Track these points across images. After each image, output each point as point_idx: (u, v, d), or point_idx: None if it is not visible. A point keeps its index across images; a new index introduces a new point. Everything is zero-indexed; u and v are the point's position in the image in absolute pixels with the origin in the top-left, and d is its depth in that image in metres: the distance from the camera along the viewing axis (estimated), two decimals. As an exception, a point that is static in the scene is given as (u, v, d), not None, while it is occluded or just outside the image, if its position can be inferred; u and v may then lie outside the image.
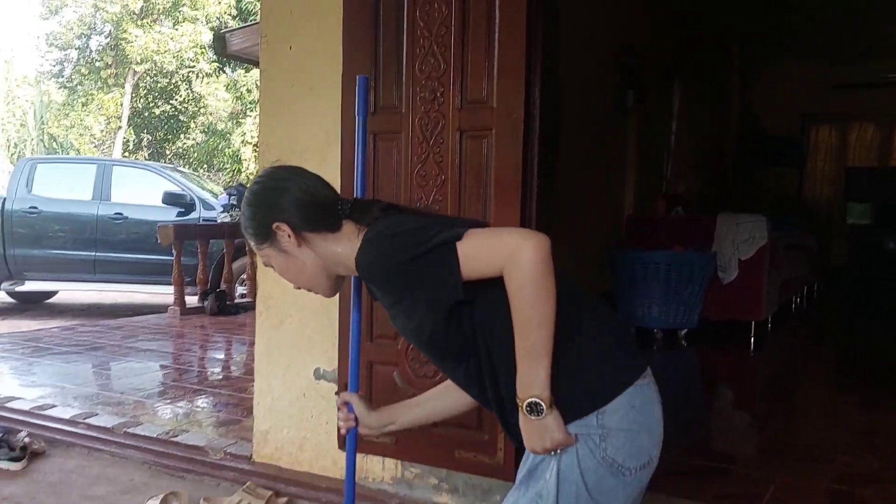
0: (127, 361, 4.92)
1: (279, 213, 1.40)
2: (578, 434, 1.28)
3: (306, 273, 1.45)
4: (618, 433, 1.27)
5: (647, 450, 1.31)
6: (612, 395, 1.28)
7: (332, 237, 1.42)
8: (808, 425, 3.42)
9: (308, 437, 2.74)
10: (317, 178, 1.48)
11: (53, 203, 8.61)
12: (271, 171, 1.48)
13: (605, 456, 1.27)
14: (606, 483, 1.29)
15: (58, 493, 2.76)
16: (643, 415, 1.30)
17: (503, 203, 2.30)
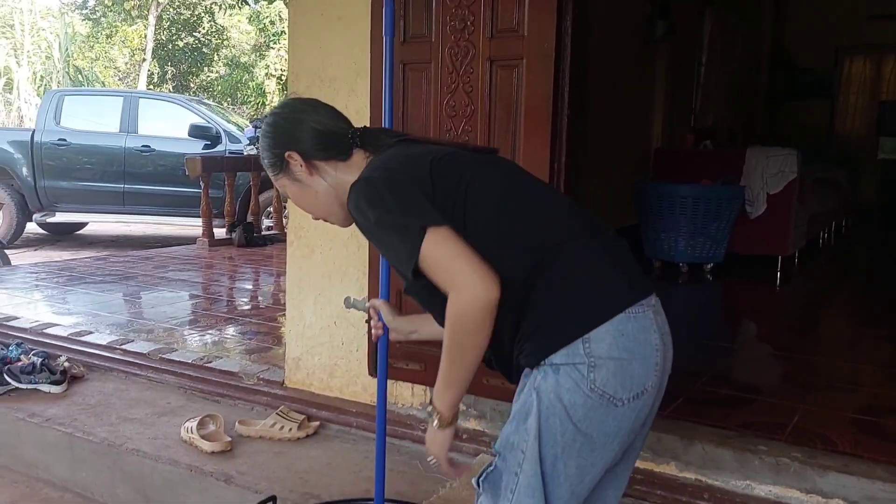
0: (158, 291, 5.02)
1: (292, 142, 1.45)
2: (564, 365, 1.26)
3: (319, 201, 1.49)
4: (607, 362, 1.25)
5: (639, 379, 1.28)
6: (598, 320, 1.26)
7: (343, 166, 1.45)
8: (833, 357, 3.44)
9: (339, 364, 2.80)
10: (330, 109, 1.51)
11: (81, 135, 8.68)
12: (286, 103, 1.53)
13: (593, 387, 1.25)
14: (596, 415, 1.27)
15: (98, 415, 2.87)
16: (635, 342, 1.27)
17: (533, 134, 2.29)
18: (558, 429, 1.28)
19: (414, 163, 1.37)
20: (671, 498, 2.14)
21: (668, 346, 1.34)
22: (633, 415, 1.30)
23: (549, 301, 1.29)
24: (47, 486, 2.75)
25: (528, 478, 1.32)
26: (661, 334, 1.32)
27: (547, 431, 1.29)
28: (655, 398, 1.35)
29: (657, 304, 1.35)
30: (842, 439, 2.24)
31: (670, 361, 1.36)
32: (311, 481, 2.34)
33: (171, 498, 2.46)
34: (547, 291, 1.29)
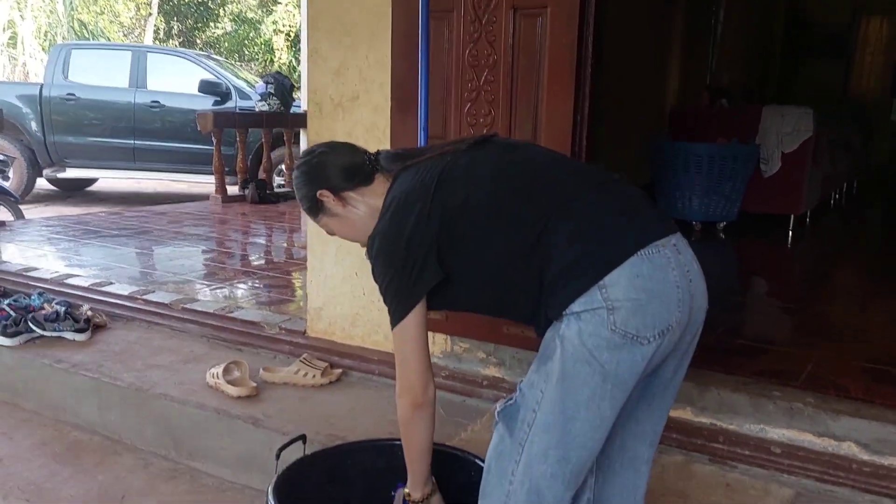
0: (175, 245, 5.08)
1: (320, 183, 1.61)
2: (584, 312, 1.31)
3: (358, 227, 1.62)
4: (625, 303, 1.29)
5: (662, 317, 1.31)
6: (611, 266, 1.30)
7: (368, 190, 1.60)
8: (845, 310, 3.49)
9: (360, 314, 2.85)
10: (347, 145, 1.69)
11: (90, 90, 8.67)
12: (309, 151, 1.68)
13: (614, 329, 1.30)
14: (622, 355, 1.31)
15: (123, 362, 2.93)
16: (652, 282, 1.31)
17: (556, 85, 2.30)
18: (587, 373, 1.33)
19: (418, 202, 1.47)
20: (686, 441, 2.19)
21: (696, 281, 1.38)
22: (661, 350, 1.35)
23: (562, 257, 1.35)
24: (75, 430, 2.82)
25: (546, 416, 1.38)
26: (683, 271, 1.35)
27: (575, 377, 1.34)
28: (684, 336, 1.40)
29: (679, 242, 1.39)
30: (854, 386, 2.29)
31: (702, 297, 1.40)
32: (337, 424, 2.40)
33: (199, 440, 2.53)
34: (558, 250, 1.35)
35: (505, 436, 1.46)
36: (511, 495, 1.44)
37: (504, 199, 1.43)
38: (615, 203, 1.42)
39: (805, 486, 2.02)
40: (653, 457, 1.59)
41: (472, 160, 1.50)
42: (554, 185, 1.44)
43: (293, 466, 1.88)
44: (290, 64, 16.88)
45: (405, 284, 1.47)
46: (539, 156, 1.57)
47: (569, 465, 1.39)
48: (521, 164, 1.51)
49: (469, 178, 1.47)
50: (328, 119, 2.78)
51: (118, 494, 2.37)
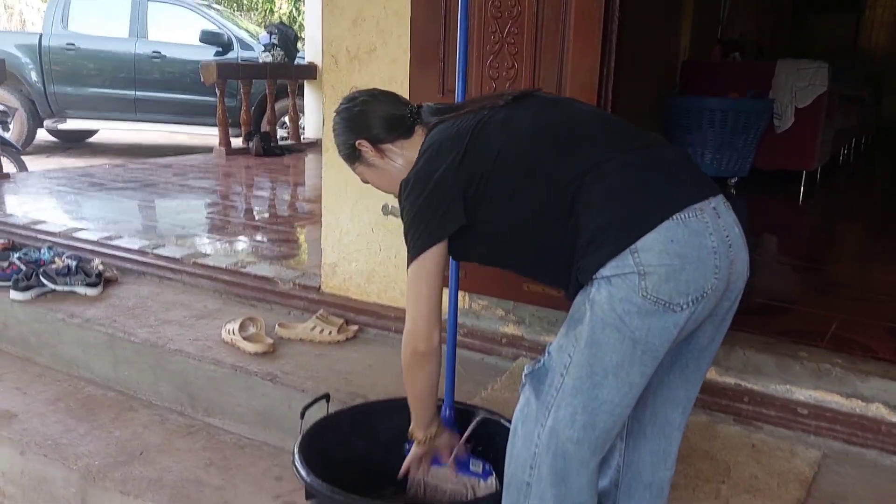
0: (181, 198, 5.02)
1: (359, 132, 1.60)
2: (615, 276, 1.28)
3: (394, 178, 1.59)
4: (658, 268, 1.25)
5: (697, 283, 1.27)
6: (644, 229, 1.26)
7: (408, 143, 1.59)
8: (863, 269, 3.46)
9: (376, 270, 2.82)
10: (390, 94, 1.65)
11: (90, 40, 8.53)
12: (351, 97, 1.65)
13: (645, 294, 1.26)
14: (653, 321, 1.28)
15: (136, 317, 2.90)
16: (687, 247, 1.26)
17: (583, 37, 2.23)
18: (616, 339, 1.30)
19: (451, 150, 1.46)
20: (711, 401, 2.18)
21: (736, 246, 1.34)
22: (695, 317, 1.31)
23: (594, 218, 1.31)
24: (89, 385, 2.81)
25: (574, 380, 1.36)
26: (722, 236, 1.31)
27: (604, 342, 1.32)
28: (721, 303, 1.36)
29: (720, 205, 1.34)
30: (882, 347, 2.27)
31: (743, 263, 1.36)
32: (355, 381, 2.39)
33: (216, 396, 2.52)
34: (593, 211, 1.32)
35: (531, 399, 1.45)
36: (537, 458, 1.43)
37: (539, 155, 1.40)
38: (652, 165, 1.37)
39: (832, 447, 2.01)
40: (685, 423, 1.57)
41: (510, 114, 1.47)
42: (591, 145, 1.40)
43: (317, 425, 1.86)
44: (290, 14, 16.56)
45: (427, 223, 1.46)
46: (581, 114, 1.52)
47: (595, 430, 1.37)
48: (559, 121, 1.47)
49: (505, 132, 1.44)
50: (344, 72, 2.71)
51: (136, 450, 2.35)
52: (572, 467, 1.40)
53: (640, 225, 1.27)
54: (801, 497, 1.79)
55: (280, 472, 2.24)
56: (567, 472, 1.40)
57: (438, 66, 2.43)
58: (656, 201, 1.30)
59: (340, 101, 1.67)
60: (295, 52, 7.67)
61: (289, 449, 2.32)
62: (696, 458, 1.96)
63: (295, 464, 1.69)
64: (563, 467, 1.40)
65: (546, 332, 2.50)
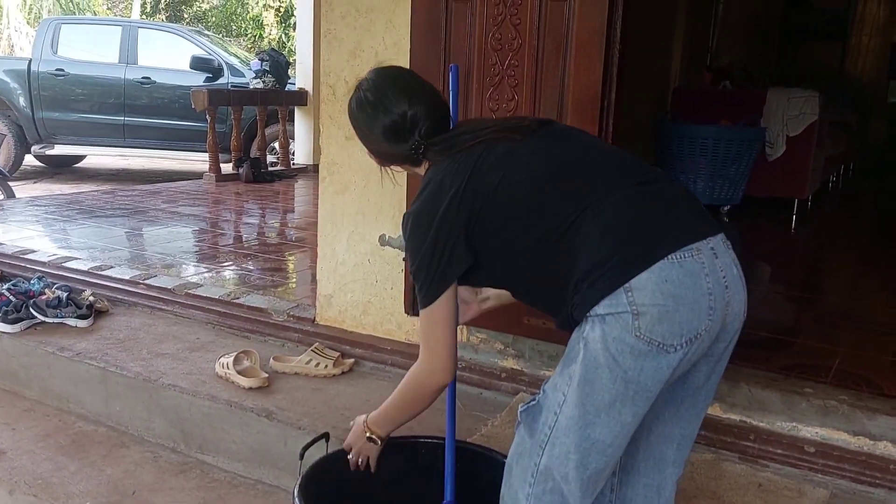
0: (171, 226, 4.97)
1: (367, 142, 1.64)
2: (609, 315, 1.26)
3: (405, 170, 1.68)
4: (650, 309, 1.23)
5: (691, 324, 1.25)
6: (638, 269, 1.25)
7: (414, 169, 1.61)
8: (861, 299, 3.45)
9: (372, 301, 2.78)
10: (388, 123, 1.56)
11: (80, 66, 8.51)
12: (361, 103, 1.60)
13: (639, 334, 1.24)
14: (646, 362, 1.26)
15: (128, 350, 2.85)
16: (682, 287, 1.24)
17: (584, 70, 2.22)
18: (608, 378, 1.29)
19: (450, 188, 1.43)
20: (716, 438, 2.15)
21: (733, 287, 1.32)
22: (689, 358, 1.29)
23: (590, 254, 1.30)
24: (80, 420, 2.75)
25: (567, 419, 1.34)
26: (719, 277, 1.29)
27: (596, 382, 1.30)
28: (716, 343, 1.35)
29: (718, 245, 1.32)
30: (887, 382, 2.25)
31: (740, 303, 1.35)
32: (353, 417, 2.32)
33: (210, 432, 2.46)
34: (589, 247, 1.30)
35: (525, 437, 1.44)
36: (531, 498, 1.42)
37: (539, 188, 1.39)
38: (651, 202, 1.36)
39: (840, 486, 1.98)
40: (684, 460, 1.54)
41: (512, 147, 1.45)
42: (591, 181, 1.39)
43: (317, 466, 1.81)
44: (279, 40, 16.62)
45: (435, 270, 1.44)
46: (583, 148, 1.50)
47: (587, 470, 1.35)
48: (559, 157, 1.45)
49: (504, 167, 1.42)
50: (342, 103, 2.68)
51: (128, 489, 2.30)
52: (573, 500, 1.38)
53: (635, 264, 1.26)
54: (812, 538, 1.76)
55: (276, 513, 2.19)
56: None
57: (438, 99, 2.41)
58: (652, 240, 1.29)
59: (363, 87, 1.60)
60: (286, 78, 7.67)
61: (284, 487, 2.28)
62: (702, 498, 1.93)
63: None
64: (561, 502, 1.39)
65: (546, 366, 2.47)
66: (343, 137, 2.71)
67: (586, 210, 1.32)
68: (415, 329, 2.72)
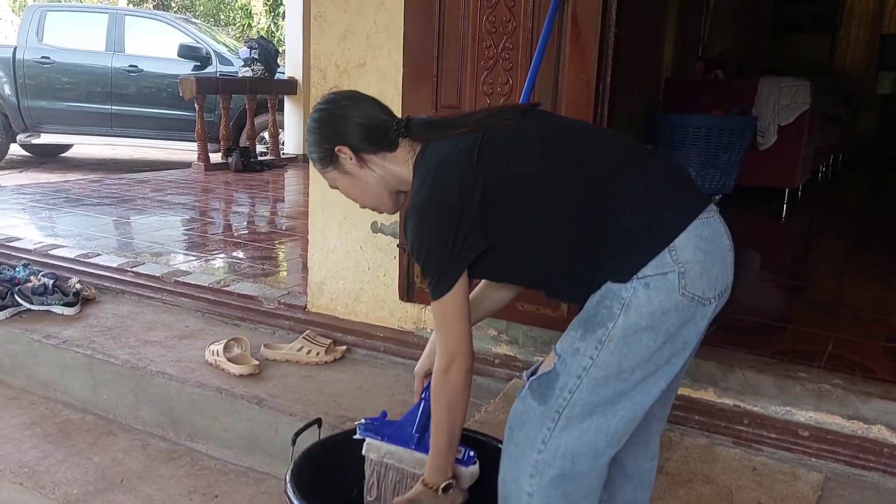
0: (160, 214, 4.92)
1: (340, 137, 1.51)
2: (655, 276, 1.29)
3: (370, 192, 1.56)
4: (693, 265, 1.30)
5: (722, 278, 1.34)
6: (679, 229, 1.30)
7: (391, 156, 1.52)
8: (852, 286, 3.46)
9: (364, 289, 2.76)
10: (372, 100, 1.56)
11: (66, 53, 8.40)
12: (330, 99, 1.57)
13: (684, 292, 1.29)
14: (687, 316, 1.31)
15: (116, 337, 2.81)
16: (713, 244, 1.33)
17: (578, 53, 2.20)
18: (650, 338, 1.31)
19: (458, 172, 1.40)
20: (710, 423, 2.14)
21: (733, 246, 1.39)
22: (715, 311, 1.35)
23: (624, 223, 1.33)
24: (66, 408, 2.71)
25: (595, 381, 1.34)
26: (729, 236, 1.38)
27: (636, 344, 1.31)
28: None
29: (717, 210, 1.39)
30: (879, 367, 2.25)
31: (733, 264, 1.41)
32: (345, 404, 2.32)
33: (200, 419, 2.44)
34: (621, 214, 1.33)
35: (534, 403, 1.40)
36: (539, 465, 1.39)
37: (552, 165, 1.39)
38: (668, 172, 1.43)
39: (834, 470, 1.97)
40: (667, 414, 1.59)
41: (514, 127, 1.44)
42: (605, 152, 1.43)
43: (309, 452, 1.79)
44: (268, 29, 16.50)
45: (448, 258, 1.40)
46: (583, 125, 1.53)
47: (617, 423, 1.36)
48: (567, 132, 1.47)
49: (513, 145, 1.41)
50: (333, 86, 2.65)
51: (116, 477, 2.27)
52: (584, 466, 1.38)
53: (675, 225, 1.32)
54: (807, 522, 1.75)
55: (267, 500, 2.17)
56: (577, 472, 1.38)
57: (432, 83, 2.39)
58: (683, 204, 1.35)
59: (322, 101, 1.57)
60: (275, 66, 7.61)
61: (276, 474, 2.26)
62: (697, 482, 1.92)
63: (287, 493, 1.62)
64: (573, 469, 1.37)
65: (540, 352, 2.46)
66: (334, 122, 2.68)
67: (609, 180, 1.35)
68: (407, 316, 2.71)
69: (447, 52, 2.35)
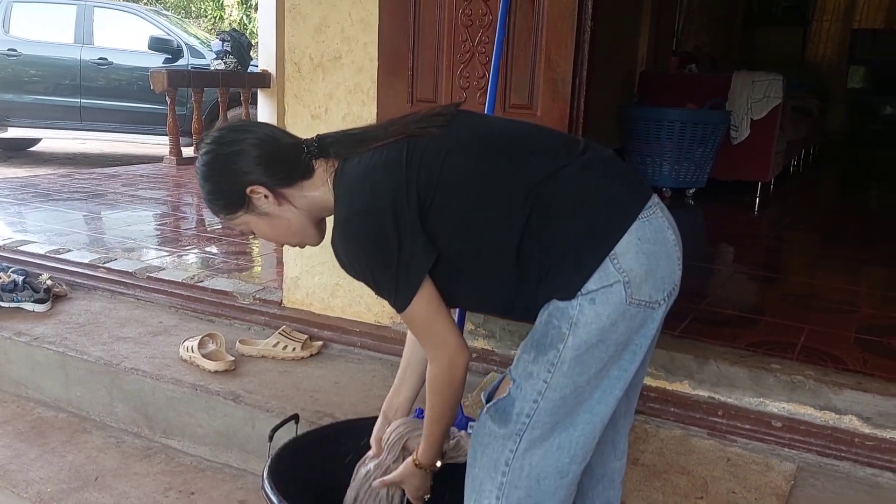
0: (132, 210, 4.86)
1: (247, 175, 1.36)
2: (600, 290, 1.23)
3: (293, 229, 1.43)
4: (638, 271, 1.24)
5: (668, 277, 1.28)
6: (618, 234, 1.24)
7: (308, 184, 1.38)
8: (823, 278, 3.50)
9: (341, 284, 2.75)
10: (268, 126, 1.44)
11: (33, 46, 8.26)
12: (217, 137, 1.40)
13: (632, 300, 1.24)
14: (636, 323, 1.26)
15: (88, 334, 2.78)
16: (657, 244, 1.27)
17: (555, 46, 2.20)
18: (602, 351, 1.27)
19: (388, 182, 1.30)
20: (685, 415, 2.16)
21: (679, 237, 1.33)
22: (666, 310, 1.31)
23: (567, 229, 1.26)
24: (39, 406, 2.68)
25: (552, 403, 1.30)
26: (674, 229, 1.32)
27: (589, 360, 1.27)
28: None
29: (659, 201, 1.33)
30: (850, 358, 2.29)
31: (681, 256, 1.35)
32: (322, 399, 2.31)
33: (175, 417, 2.42)
34: (556, 225, 1.27)
35: (494, 428, 1.36)
36: (505, 487, 1.36)
37: (486, 169, 1.31)
38: (604, 169, 1.34)
39: (806, 460, 2.00)
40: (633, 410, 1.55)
41: (441, 134, 1.35)
42: (539, 154, 1.34)
43: (287, 447, 1.78)
44: (241, 21, 16.34)
45: (397, 268, 1.30)
46: (514, 123, 1.46)
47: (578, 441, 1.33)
48: (498, 133, 1.40)
49: (443, 152, 1.32)
50: (307, 80, 2.64)
51: (91, 475, 2.24)
52: (549, 486, 1.35)
53: (614, 230, 1.25)
54: (781, 512, 1.77)
55: (244, 496, 2.16)
56: (543, 492, 1.35)
57: (407, 76, 2.38)
58: (620, 205, 1.28)
59: (208, 141, 1.39)
60: (248, 59, 7.54)
61: (252, 471, 2.25)
62: (672, 473, 1.94)
63: (265, 489, 1.61)
64: (538, 490, 1.35)
65: (517, 345, 2.44)
66: (309, 116, 2.67)
67: (544, 183, 1.28)
68: (384, 311, 2.70)
69: (423, 46, 2.34)
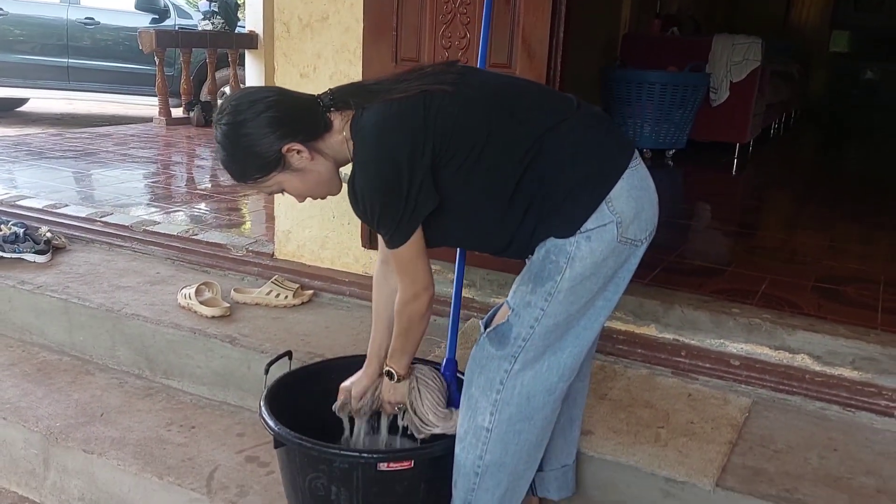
0: (123, 168, 4.94)
1: (287, 135, 1.45)
2: (596, 229, 1.42)
3: (322, 181, 1.55)
4: (627, 213, 1.43)
5: (651, 220, 1.49)
6: (613, 181, 1.43)
7: (329, 135, 1.50)
8: (790, 234, 3.69)
9: (330, 237, 2.88)
10: (277, 88, 1.54)
11: (18, 5, 8.22)
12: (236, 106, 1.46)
13: (622, 239, 1.44)
14: (621, 258, 1.47)
15: (89, 283, 2.90)
16: (642, 190, 1.46)
17: (533, 9, 2.30)
18: (593, 283, 1.47)
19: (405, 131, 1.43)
20: (651, 356, 2.32)
21: None
22: (644, 250, 1.52)
23: (568, 176, 1.44)
24: (43, 350, 2.81)
25: (546, 328, 1.49)
26: (654, 181, 1.52)
27: (580, 290, 1.47)
28: None
29: (638, 154, 1.52)
30: (806, 303, 2.45)
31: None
32: (313, 342, 2.46)
33: (175, 359, 2.56)
34: (560, 168, 1.44)
35: (491, 350, 1.55)
36: (499, 404, 1.55)
37: (496, 122, 1.46)
38: (596, 124, 1.52)
39: (761, 395, 2.17)
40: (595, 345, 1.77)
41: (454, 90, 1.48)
42: (541, 107, 1.52)
43: (281, 380, 1.93)
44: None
45: (403, 211, 1.43)
46: (512, 80, 1.63)
47: (568, 360, 1.54)
48: (502, 87, 1.55)
49: (456, 108, 1.46)
50: (296, 40, 2.74)
51: (96, 412, 2.39)
52: (538, 402, 1.55)
53: (609, 177, 1.44)
54: (733, 439, 1.94)
55: (242, 430, 2.31)
56: (533, 408, 1.55)
57: (392, 36, 2.49)
58: (615, 154, 1.47)
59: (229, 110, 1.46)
60: (236, 20, 7.56)
61: (249, 407, 2.40)
62: (636, 407, 2.10)
63: (262, 415, 1.76)
64: (528, 406, 1.54)
65: (496, 294, 2.61)
66: (298, 75, 2.77)
67: (547, 135, 1.45)
68: (371, 262, 2.83)
69: (406, 7, 2.44)
